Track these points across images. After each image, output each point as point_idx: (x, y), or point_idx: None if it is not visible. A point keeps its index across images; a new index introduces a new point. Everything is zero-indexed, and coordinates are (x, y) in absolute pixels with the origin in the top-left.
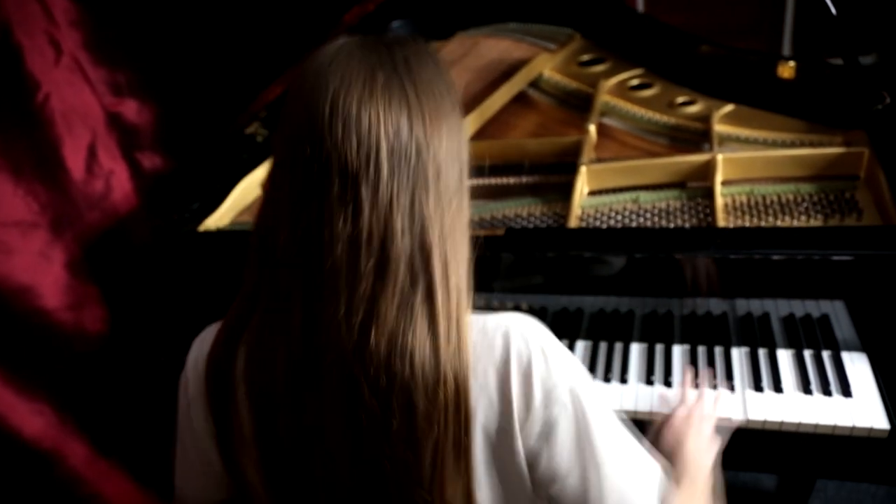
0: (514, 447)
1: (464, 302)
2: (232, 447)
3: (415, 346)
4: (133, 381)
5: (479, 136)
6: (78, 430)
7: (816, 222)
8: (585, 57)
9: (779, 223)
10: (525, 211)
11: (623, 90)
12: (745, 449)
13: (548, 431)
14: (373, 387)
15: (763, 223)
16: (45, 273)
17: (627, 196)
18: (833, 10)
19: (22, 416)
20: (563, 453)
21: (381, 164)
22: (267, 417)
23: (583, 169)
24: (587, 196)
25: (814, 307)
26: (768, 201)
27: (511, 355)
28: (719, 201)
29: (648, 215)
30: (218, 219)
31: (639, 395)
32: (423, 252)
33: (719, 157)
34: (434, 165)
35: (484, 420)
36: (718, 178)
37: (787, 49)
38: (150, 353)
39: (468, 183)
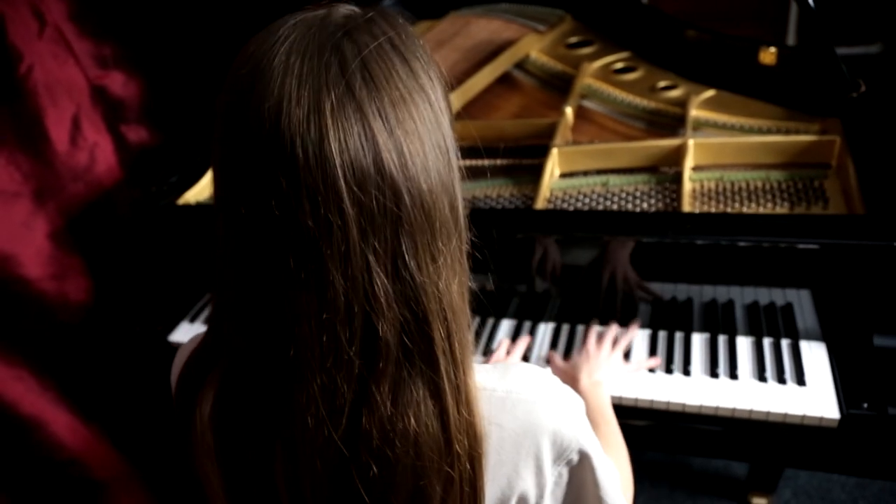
0: None
1: (469, 360)
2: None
3: (419, 428)
4: (115, 350)
5: (460, 116)
6: (60, 396)
7: (782, 210)
8: (573, 39)
9: (745, 210)
10: (495, 192)
11: (607, 73)
12: (702, 434)
13: (556, 485)
14: (362, 477)
15: (729, 209)
16: (27, 243)
17: (597, 179)
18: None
19: (1, 381)
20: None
21: (347, 220)
22: (235, 479)
23: (554, 151)
24: (558, 178)
25: (779, 295)
26: (736, 188)
27: (531, 425)
28: (687, 186)
29: (616, 199)
30: (198, 192)
31: None
32: (418, 320)
33: (690, 142)
34: (420, 207)
35: (499, 493)
36: (688, 163)
37: (791, 37)
38: (132, 324)
39: (464, 210)
